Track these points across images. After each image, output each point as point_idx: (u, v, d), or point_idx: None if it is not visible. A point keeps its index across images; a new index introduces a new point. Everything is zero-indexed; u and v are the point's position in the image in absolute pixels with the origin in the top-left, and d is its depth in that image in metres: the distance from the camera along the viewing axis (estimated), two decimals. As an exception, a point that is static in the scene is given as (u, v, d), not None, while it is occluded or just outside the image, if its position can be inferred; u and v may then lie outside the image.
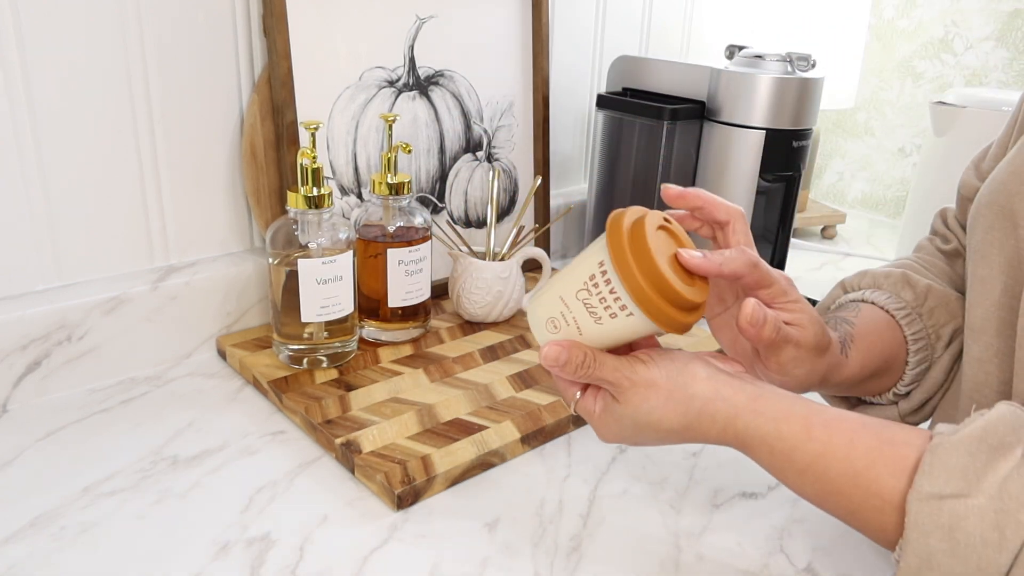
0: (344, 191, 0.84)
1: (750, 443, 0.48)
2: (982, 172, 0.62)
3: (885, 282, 0.63)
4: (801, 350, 0.52)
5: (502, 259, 0.88)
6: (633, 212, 0.48)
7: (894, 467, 0.43)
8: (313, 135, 0.70)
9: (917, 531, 0.40)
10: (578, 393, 0.52)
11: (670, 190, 0.54)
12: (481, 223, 0.98)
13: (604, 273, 0.47)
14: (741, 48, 0.95)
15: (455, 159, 0.93)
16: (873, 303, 0.62)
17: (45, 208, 0.70)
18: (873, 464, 0.43)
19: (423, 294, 0.82)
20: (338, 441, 0.63)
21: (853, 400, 0.65)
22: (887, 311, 0.61)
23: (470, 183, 0.96)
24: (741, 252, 0.51)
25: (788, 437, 0.47)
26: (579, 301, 0.48)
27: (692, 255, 0.48)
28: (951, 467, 0.40)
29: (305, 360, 0.75)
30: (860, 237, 1.40)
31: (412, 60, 0.87)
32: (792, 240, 1.03)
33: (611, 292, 0.46)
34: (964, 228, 0.66)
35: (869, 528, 0.44)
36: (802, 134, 0.91)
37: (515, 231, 0.90)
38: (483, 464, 0.64)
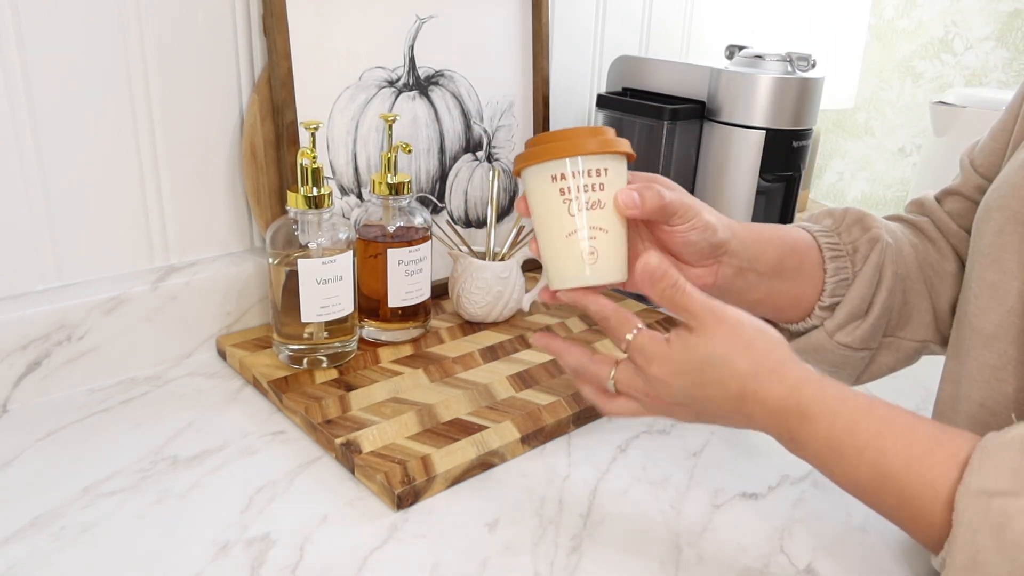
0: (344, 191, 0.84)
1: (812, 412, 0.47)
2: (976, 163, 0.62)
3: (812, 217, 0.66)
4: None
5: (502, 259, 0.88)
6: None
7: (952, 459, 0.42)
8: (313, 135, 0.70)
9: (965, 527, 0.40)
10: (638, 326, 0.49)
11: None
12: (481, 223, 0.99)
13: (561, 177, 0.49)
14: (741, 48, 0.95)
15: (455, 159, 0.93)
16: (792, 225, 0.65)
17: (45, 208, 0.70)
18: (932, 450, 0.43)
19: (423, 294, 0.82)
20: (338, 441, 0.63)
21: (784, 330, 0.64)
22: (803, 228, 0.63)
23: (470, 183, 0.96)
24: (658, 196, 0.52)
25: (852, 410, 0.46)
26: (583, 211, 0.49)
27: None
28: (1001, 465, 0.40)
29: (305, 360, 0.75)
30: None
31: (412, 60, 0.87)
32: (800, 215, 1.03)
33: (585, 177, 0.49)
34: (943, 211, 0.65)
35: (919, 523, 0.43)
36: (802, 134, 0.91)
37: (515, 231, 0.90)
38: (483, 464, 0.64)
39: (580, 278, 0.51)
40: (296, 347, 0.74)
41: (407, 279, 0.79)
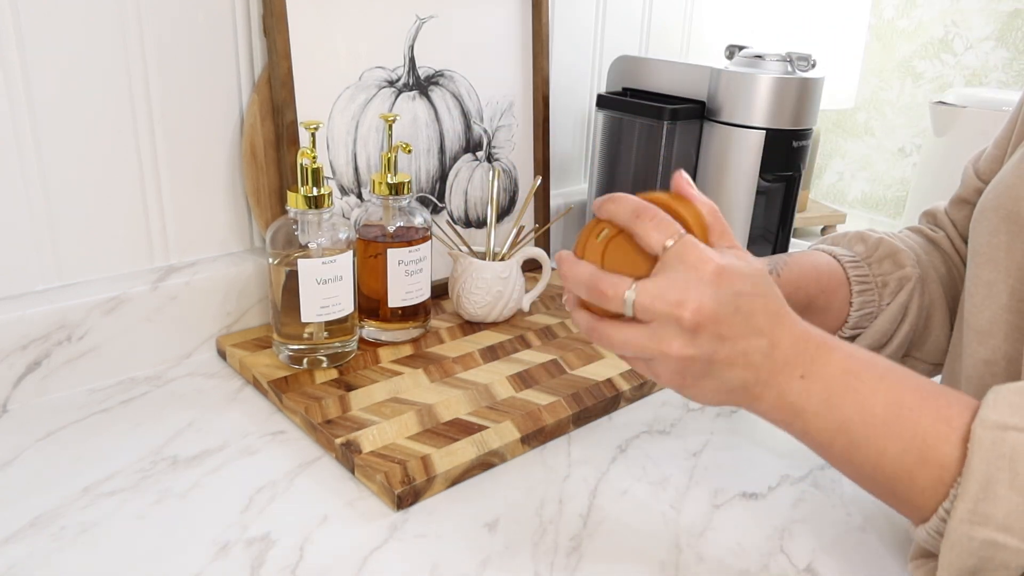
0: (344, 191, 0.84)
1: (830, 345, 0.46)
2: (979, 171, 0.62)
3: (843, 240, 0.66)
4: None
5: (502, 259, 0.88)
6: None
7: (964, 401, 0.43)
8: (313, 135, 0.70)
9: (979, 457, 0.40)
10: (680, 232, 0.45)
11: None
12: (481, 223, 0.99)
13: None
14: (741, 48, 0.95)
15: (455, 159, 0.93)
16: (822, 250, 0.64)
17: (45, 208, 0.70)
18: (945, 393, 0.44)
19: (423, 294, 0.82)
20: (338, 441, 0.63)
21: None
22: (833, 256, 0.63)
23: (470, 183, 0.96)
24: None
25: (870, 353, 0.47)
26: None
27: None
28: (1016, 404, 0.41)
29: (305, 360, 0.75)
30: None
31: (412, 60, 0.87)
32: (792, 240, 1.03)
33: None
34: (954, 224, 0.66)
35: (926, 463, 0.42)
36: (802, 134, 0.91)
37: (515, 231, 0.90)
38: (483, 464, 0.64)
39: None
40: (296, 347, 0.74)
41: (407, 279, 0.79)
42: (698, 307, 0.43)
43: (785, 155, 0.91)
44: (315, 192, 0.70)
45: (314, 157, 0.70)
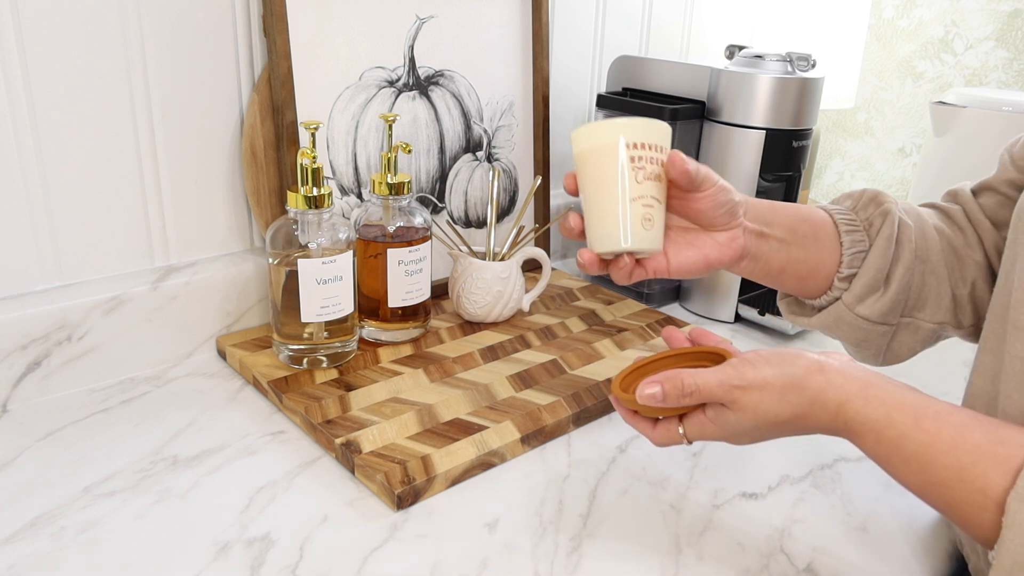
0: (344, 191, 0.84)
1: (858, 430, 0.49)
2: (1016, 156, 0.62)
3: (832, 201, 0.68)
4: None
5: (502, 259, 0.88)
6: None
7: (1002, 466, 0.43)
8: (313, 135, 0.70)
9: (1014, 531, 0.40)
10: (680, 428, 0.54)
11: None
12: (481, 223, 0.99)
13: (637, 146, 0.53)
14: (741, 48, 0.95)
15: (455, 159, 0.93)
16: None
17: (45, 208, 0.70)
18: (980, 460, 0.44)
19: (423, 294, 0.82)
20: (338, 441, 0.63)
21: (807, 306, 0.67)
22: (820, 206, 0.66)
23: (470, 183, 0.96)
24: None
25: (897, 425, 0.47)
26: (648, 180, 0.54)
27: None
28: None
29: (305, 360, 0.75)
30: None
31: (412, 60, 0.87)
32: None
33: (653, 151, 0.54)
34: (979, 205, 0.65)
35: (969, 525, 0.45)
36: (802, 134, 0.91)
37: (515, 231, 0.90)
38: (483, 464, 0.64)
39: (639, 240, 0.54)
40: (296, 347, 0.74)
41: (407, 279, 0.79)
42: (734, 442, 0.54)
43: (785, 155, 0.91)
44: (315, 192, 0.70)
45: (314, 157, 0.70)
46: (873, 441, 0.48)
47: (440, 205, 0.94)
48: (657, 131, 0.54)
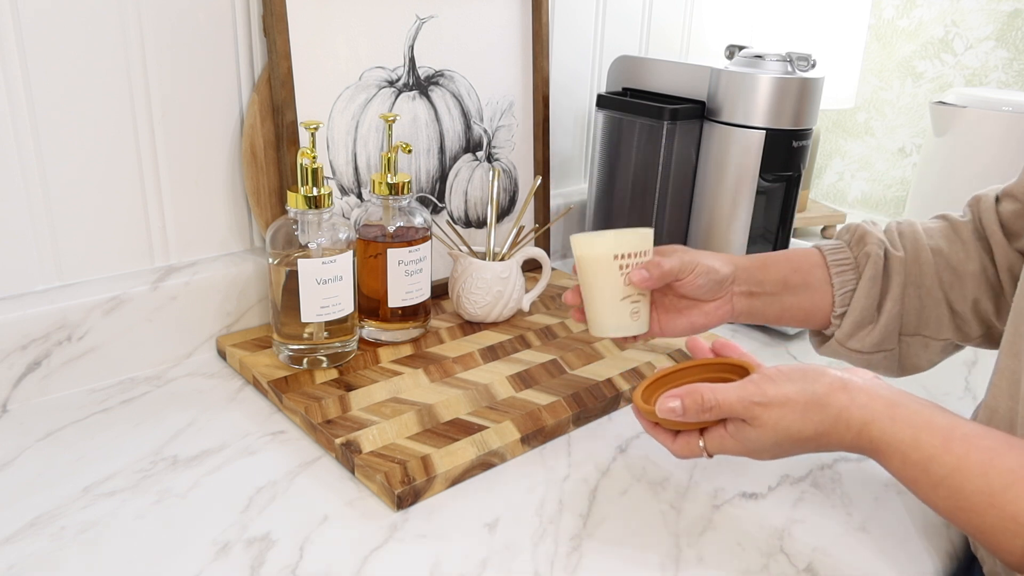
0: (344, 191, 0.84)
1: (884, 450, 0.48)
2: None
3: (836, 233, 0.72)
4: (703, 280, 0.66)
5: (502, 259, 0.88)
6: None
7: None
8: (313, 135, 0.70)
9: None
10: (701, 442, 0.55)
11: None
12: (481, 223, 0.99)
13: (623, 256, 0.65)
14: (741, 48, 0.95)
15: (455, 159, 0.93)
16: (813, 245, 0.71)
17: (45, 208, 0.70)
18: (1011, 486, 0.43)
19: (423, 294, 0.82)
20: (338, 441, 0.63)
21: (820, 336, 0.71)
22: (817, 246, 0.70)
23: (470, 183, 0.96)
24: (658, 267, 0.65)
25: (925, 447, 0.47)
26: (628, 283, 0.65)
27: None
28: None
29: (305, 360, 0.75)
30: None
31: (412, 60, 0.87)
32: (792, 240, 1.03)
33: (638, 257, 0.66)
34: (998, 215, 0.65)
35: (1000, 551, 0.44)
36: (802, 134, 0.91)
37: (515, 231, 0.90)
38: (483, 464, 0.64)
39: (627, 330, 0.67)
40: (296, 347, 0.74)
41: (407, 279, 0.79)
42: (756, 457, 0.55)
43: (785, 155, 0.91)
44: (315, 192, 0.70)
45: (314, 157, 0.70)
46: (899, 462, 0.48)
47: (440, 205, 0.94)
48: (640, 241, 0.66)
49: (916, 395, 0.50)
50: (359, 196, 0.86)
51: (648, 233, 0.66)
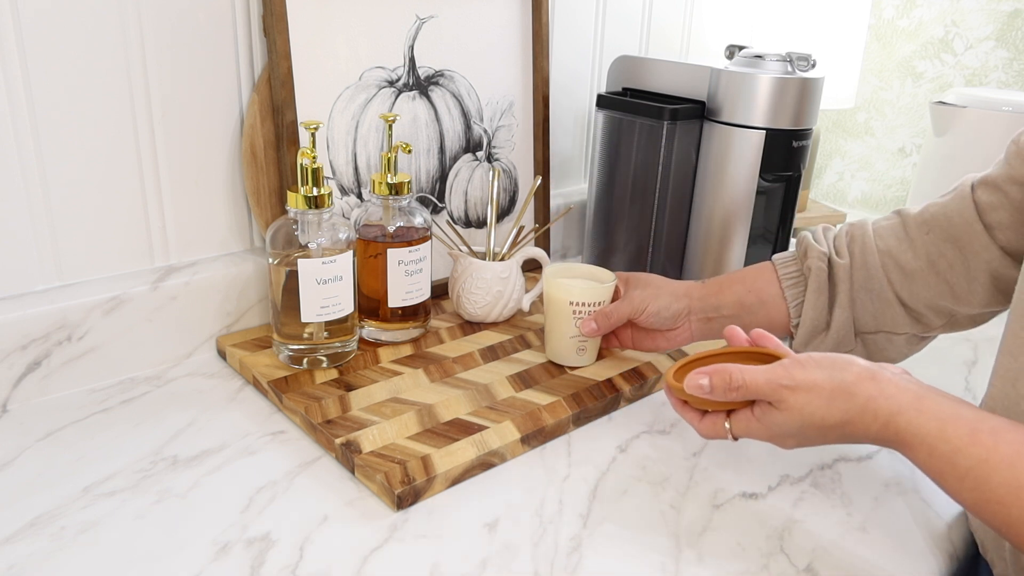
0: (344, 191, 0.84)
1: (910, 442, 0.48)
2: (1021, 147, 0.62)
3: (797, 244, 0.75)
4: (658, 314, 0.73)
5: (502, 259, 0.88)
6: None
7: None
8: (313, 135, 0.70)
9: None
10: (727, 423, 0.55)
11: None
12: (481, 223, 0.99)
13: (577, 304, 0.76)
14: (741, 48, 0.95)
15: (455, 159, 0.93)
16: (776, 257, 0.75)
17: (45, 208, 0.70)
18: None
19: (423, 294, 0.82)
20: (338, 441, 0.63)
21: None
22: (770, 259, 0.74)
23: (470, 183, 0.96)
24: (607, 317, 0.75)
25: (952, 439, 0.47)
26: (579, 327, 0.76)
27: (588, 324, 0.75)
28: None
29: (305, 360, 0.75)
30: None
31: (412, 60, 0.87)
32: (792, 240, 1.03)
33: (589, 306, 0.76)
34: (971, 198, 0.65)
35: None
36: (802, 134, 0.91)
37: (515, 231, 0.90)
38: (483, 464, 0.64)
39: (573, 361, 0.78)
40: (296, 347, 0.74)
41: (407, 279, 0.79)
42: (783, 444, 0.55)
43: (785, 155, 0.91)
44: (315, 192, 0.70)
45: (314, 157, 0.70)
46: (926, 454, 0.48)
47: (440, 205, 0.94)
48: (599, 292, 0.75)
49: (942, 390, 0.50)
50: (359, 196, 0.86)
51: (609, 287, 0.76)
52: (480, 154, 0.96)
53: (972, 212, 0.64)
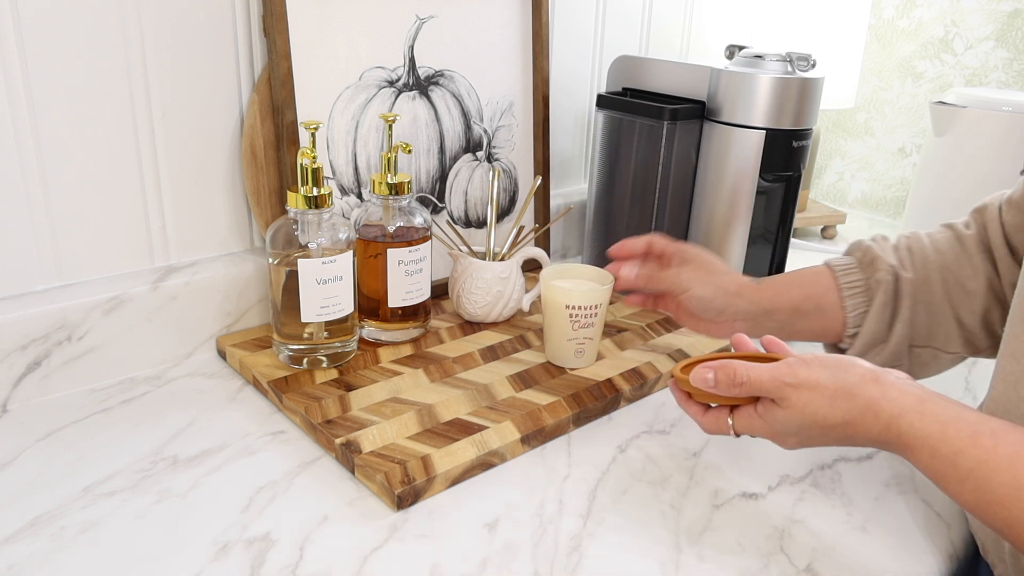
0: (344, 191, 0.84)
1: (912, 444, 0.49)
2: None
3: (850, 247, 0.72)
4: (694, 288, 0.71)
5: (502, 259, 0.88)
6: None
7: None
8: (313, 135, 0.70)
9: None
10: (730, 419, 0.56)
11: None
12: (481, 223, 0.99)
13: (573, 307, 0.75)
14: (741, 48, 0.95)
15: (455, 159, 0.93)
16: (826, 262, 0.72)
17: (45, 208, 0.70)
18: None
19: (423, 294, 0.82)
20: (338, 441, 0.63)
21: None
22: (829, 264, 0.71)
23: (470, 183, 0.96)
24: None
25: (953, 441, 0.47)
26: (579, 328, 0.76)
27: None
28: None
29: (305, 360, 0.75)
30: (860, 237, 1.40)
31: (412, 60, 0.87)
32: (792, 240, 1.03)
33: (586, 311, 0.76)
34: (1002, 224, 0.66)
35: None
36: (802, 134, 0.91)
37: (515, 231, 0.90)
38: (483, 464, 0.64)
39: (570, 363, 0.78)
40: (296, 347, 0.74)
41: (407, 279, 0.79)
42: (786, 444, 0.55)
43: (785, 155, 0.91)
44: (315, 192, 0.70)
45: (314, 157, 0.70)
46: (928, 456, 0.48)
47: (440, 205, 0.94)
48: (594, 296, 0.75)
49: (943, 394, 0.51)
50: (359, 196, 0.86)
51: (607, 289, 0.76)
52: (480, 154, 0.96)
53: (996, 228, 0.65)
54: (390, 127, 0.78)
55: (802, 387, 0.51)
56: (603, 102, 1.00)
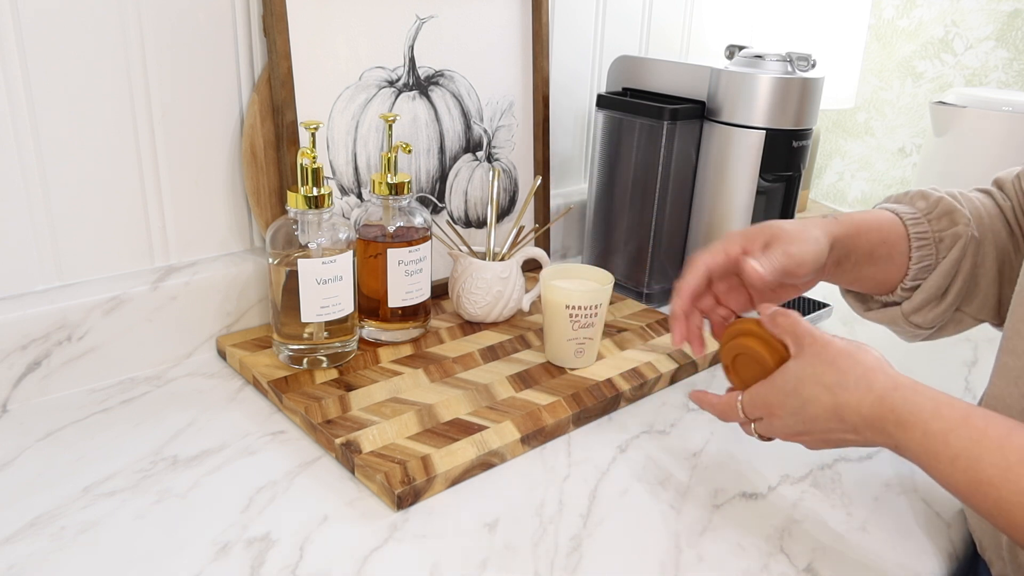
0: (344, 191, 0.84)
1: (906, 419, 0.49)
2: None
3: (904, 198, 0.68)
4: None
5: (502, 259, 0.88)
6: None
7: None
8: (313, 135, 0.70)
9: None
10: (740, 395, 0.57)
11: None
12: (481, 223, 0.99)
13: (573, 308, 0.76)
14: (741, 48, 0.95)
15: (455, 159, 0.93)
16: (885, 208, 0.68)
17: (45, 208, 0.70)
18: None
19: (423, 294, 0.82)
20: (338, 441, 0.63)
21: (867, 298, 0.70)
22: (896, 213, 0.67)
23: (470, 183, 0.96)
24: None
25: (946, 418, 0.47)
26: (579, 328, 0.77)
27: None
28: None
29: (305, 360, 0.75)
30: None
31: (412, 60, 0.87)
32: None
33: (586, 311, 0.76)
34: (1019, 195, 0.66)
35: (1014, 527, 0.45)
36: (802, 134, 0.91)
37: (515, 231, 0.90)
38: (483, 464, 0.64)
39: (570, 363, 0.78)
40: (296, 347, 0.74)
41: (407, 279, 0.79)
42: (782, 427, 0.56)
43: (785, 155, 0.91)
44: (315, 192, 0.70)
45: (314, 157, 0.70)
46: (920, 433, 0.48)
47: (440, 205, 0.94)
48: (595, 295, 0.76)
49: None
50: (359, 196, 0.86)
51: (606, 289, 0.76)
52: (480, 154, 0.96)
53: (1017, 202, 0.65)
54: (390, 127, 0.78)
55: (817, 343, 0.53)
56: (603, 102, 1.00)
